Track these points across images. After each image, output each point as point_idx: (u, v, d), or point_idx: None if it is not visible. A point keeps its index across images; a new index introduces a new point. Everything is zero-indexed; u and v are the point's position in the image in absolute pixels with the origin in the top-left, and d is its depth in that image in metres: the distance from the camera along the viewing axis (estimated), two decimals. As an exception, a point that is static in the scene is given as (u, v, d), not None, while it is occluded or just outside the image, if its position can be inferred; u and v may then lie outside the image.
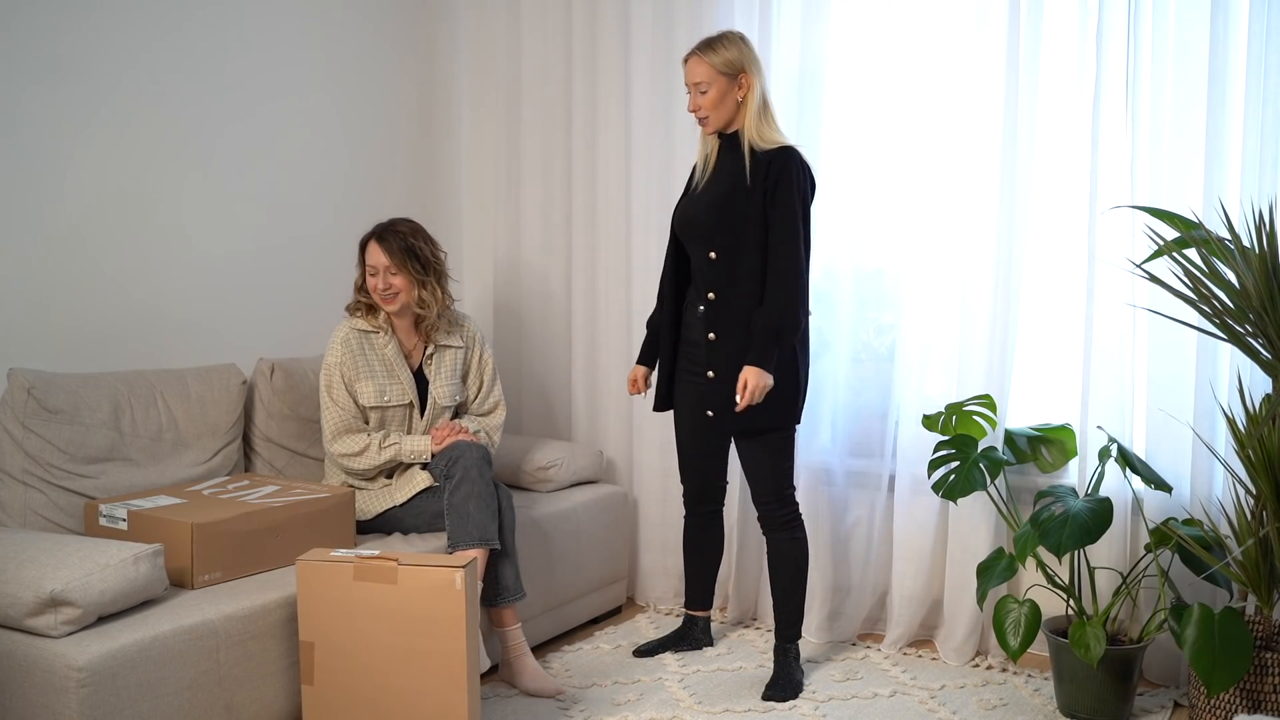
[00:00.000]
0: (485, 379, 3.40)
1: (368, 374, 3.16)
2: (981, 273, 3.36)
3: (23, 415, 2.78)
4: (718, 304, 3.09)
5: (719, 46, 3.06)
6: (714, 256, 3.09)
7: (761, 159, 3.03)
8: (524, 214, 4.15)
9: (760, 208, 3.02)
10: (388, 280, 3.15)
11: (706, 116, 3.08)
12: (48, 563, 2.33)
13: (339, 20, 3.85)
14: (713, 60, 3.04)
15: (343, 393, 3.16)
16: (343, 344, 3.18)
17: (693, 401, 3.25)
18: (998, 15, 3.28)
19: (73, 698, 2.21)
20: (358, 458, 3.13)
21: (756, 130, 3.05)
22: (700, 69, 3.06)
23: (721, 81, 3.04)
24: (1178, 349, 3.10)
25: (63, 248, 3.08)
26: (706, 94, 3.05)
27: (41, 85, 3.01)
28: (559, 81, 4.03)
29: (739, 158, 3.06)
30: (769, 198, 3.01)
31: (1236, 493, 2.83)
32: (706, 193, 3.13)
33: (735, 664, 3.37)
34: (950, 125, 3.38)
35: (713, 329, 3.11)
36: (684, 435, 3.35)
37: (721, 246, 3.07)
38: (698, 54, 3.07)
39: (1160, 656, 3.20)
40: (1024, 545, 2.96)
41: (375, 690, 2.56)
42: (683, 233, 3.20)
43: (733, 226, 3.05)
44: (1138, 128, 3.13)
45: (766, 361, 2.98)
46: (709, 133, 3.13)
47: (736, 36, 3.09)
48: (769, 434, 3.10)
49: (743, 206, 3.03)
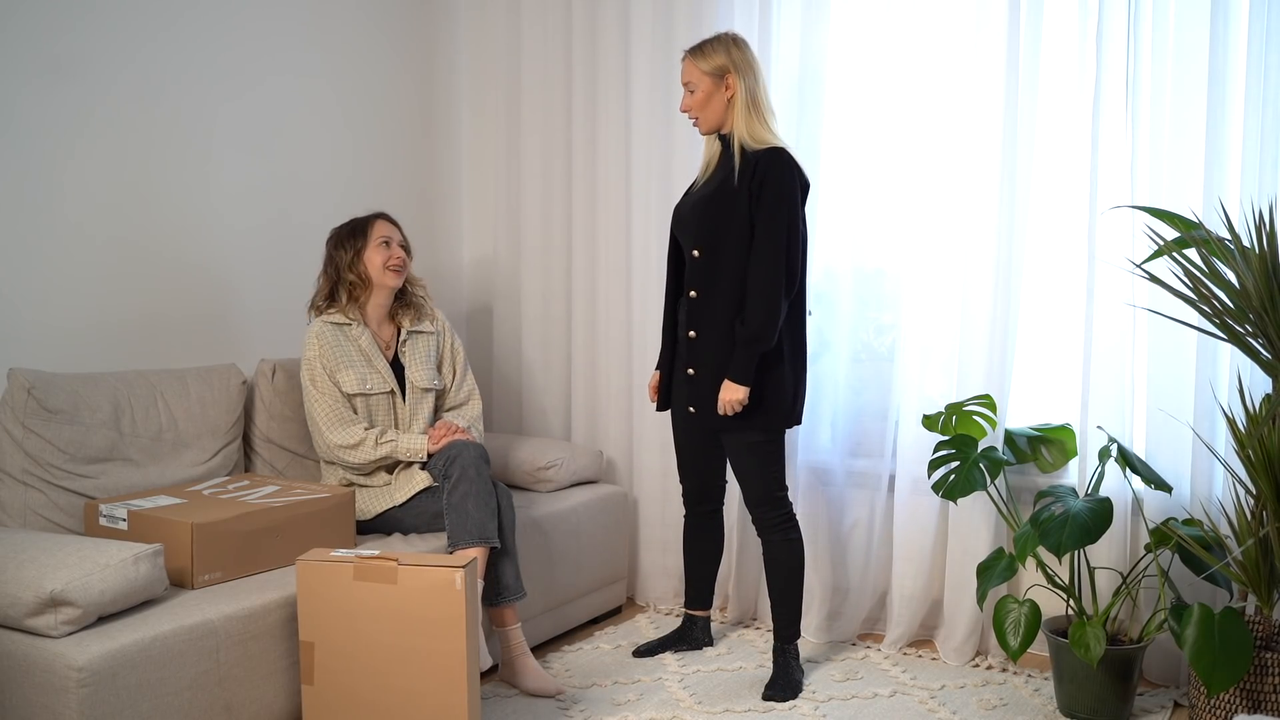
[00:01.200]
0: (458, 367, 3.43)
1: (347, 364, 3.18)
2: (981, 273, 3.36)
3: (23, 415, 2.77)
4: (698, 302, 3.11)
5: (706, 49, 3.10)
6: (697, 255, 3.11)
7: (750, 159, 3.04)
8: (524, 214, 4.15)
9: (746, 209, 3.03)
10: (398, 250, 3.26)
11: (697, 117, 3.13)
12: (48, 563, 2.33)
13: (339, 20, 3.85)
14: (699, 62, 3.09)
15: (326, 382, 3.16)
16: (318, 338, 3.20)
17: (681, 400, 3.26)
18: (998, 15, 3.28)
19: (73, 698, 2.21)
20: (354, 450, 3.13)
21: (747, 130, 3.07)
22: (687, 70, 3.12)
23: (707, 83, 3.08)
24: (1178, 349, 3.10)
25: (63, 248, 3.08)
26: (695, 94, 3.10)
27: (40, 85, 3.01)
28: (559, 81, 4.03)
29: (731, 158, 3.08)
30: (755, 200, 3.02)
31: (1236, 493, 2.83)
32: (699, 192, 3.16)
33: (735, 664, 3.37)
34: (950, 125, 3.38)
35: (693, 327, 3.13)
36: (678, 434, 3.37)
37: (705, 245, 3.09)
38: (687, 56, 3.13)
39: (1160, 656, 3.20)
40: (1024, 545, 2.96)
41: (375, 690, 2.56)
42: (676, 231, 3.24)
43: (716, 226, 3.06)
44: (1138, 128, 3.13)
45: (740, 374, 3.02)
46: (703, 133, 3.17)
47: (728, 39, 3.11)
48: (753, 438, 3.11)
49: (727, 206, 3.04)
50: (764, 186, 3.00)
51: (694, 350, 3.14)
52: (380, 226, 3.27)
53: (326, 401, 3.15)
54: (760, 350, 3.01)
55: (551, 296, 4.13)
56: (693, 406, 3.15)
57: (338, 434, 3.14)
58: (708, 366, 3.10)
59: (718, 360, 3.08)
